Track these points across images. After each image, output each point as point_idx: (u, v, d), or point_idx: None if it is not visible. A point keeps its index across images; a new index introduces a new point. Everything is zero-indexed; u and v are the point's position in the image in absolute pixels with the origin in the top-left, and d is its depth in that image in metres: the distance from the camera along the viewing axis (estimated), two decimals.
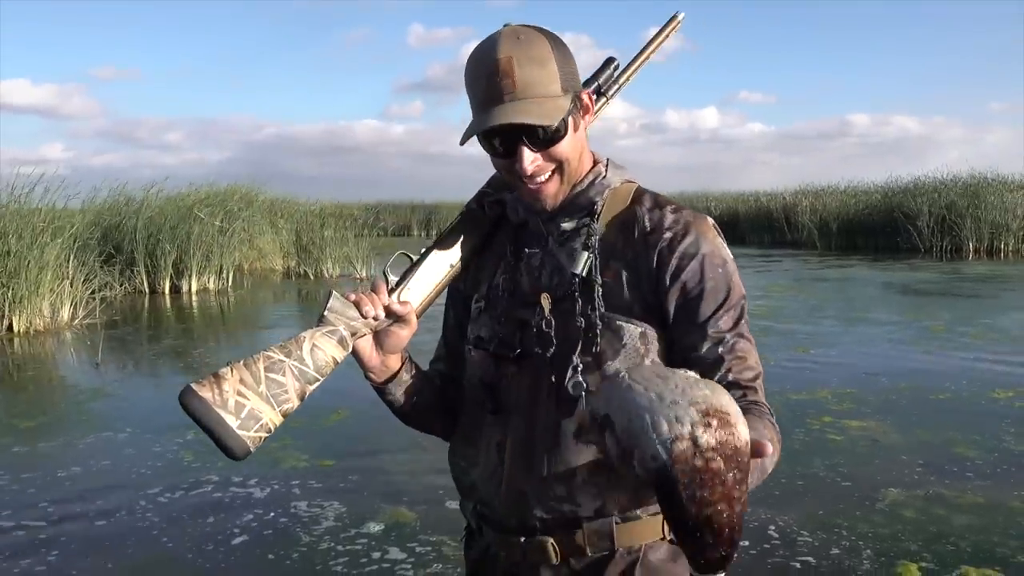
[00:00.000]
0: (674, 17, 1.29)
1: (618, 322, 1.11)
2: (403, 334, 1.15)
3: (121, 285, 12.21)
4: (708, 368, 1.09)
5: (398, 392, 1.20)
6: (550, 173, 1.12)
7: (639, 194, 1.19)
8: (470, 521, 1.25)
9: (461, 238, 1.21)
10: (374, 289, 1.14)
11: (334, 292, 1.11)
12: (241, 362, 1.02)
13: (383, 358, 1.16)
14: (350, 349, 1.11)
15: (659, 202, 1.17)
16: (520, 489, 1.14)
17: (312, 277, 15.76)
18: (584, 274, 1.12)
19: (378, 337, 1.14)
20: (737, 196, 29.44)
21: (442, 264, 1.19)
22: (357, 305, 1.10)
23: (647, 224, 1.15)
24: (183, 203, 13.58)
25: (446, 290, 1.26)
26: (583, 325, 1.11)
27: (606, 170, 1.18)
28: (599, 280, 1.12)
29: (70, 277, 9.94)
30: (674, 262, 1.11)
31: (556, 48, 1.10)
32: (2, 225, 9.31)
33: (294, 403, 1.03)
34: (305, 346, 1.06)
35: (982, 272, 14.82)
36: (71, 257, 10.16)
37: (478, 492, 1.20)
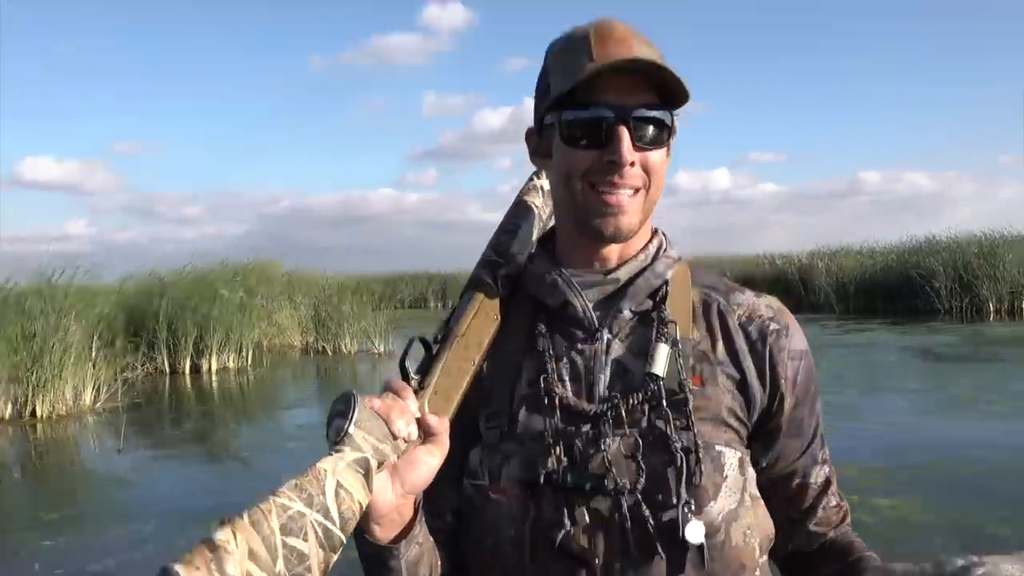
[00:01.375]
0: None
1: (717, 447, 0.85)
2: (432, 463, 0.79)
3: (142, 365, 12.30)
4: (817, 493, 0.94)
5: (409, 555, 0.82)
6: (636, 190, 0.87)
7: (699, 274, 0.96)
8: None
9: (479, 325, 0.90)
10: (396, 392, 0.79)
11: (356, 396, 0.76)
12: (245, 518, 0.65)
13: (400, 501, 0.78)
14: (374, 488, 0.74)
15: (729, 284, 0.96)
16: None
17: (330, 353, 15.79)
18: (664, 375, 0.85)
19: (398, 469, 0.77)
20: (752, 259, 29.46)
21: (464, 360, 0.88)
22: (386, 418, 0.75)
23: (737, 312, 0.92)
24: (205, 281, 13.77)
25: None
26: (676, 449, 0.83)
27: (666, 241, 0.96)
28: (690, 386, 0.86)
29: (93, 359, 10.03)
30: (789, 364, 0.91)
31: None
32: (28, 306, 9.47)
33: None
34: (328, 486, 0.70)
35: (1004, 334, 14.65)
36: (95, 338, 10.28)
37: None
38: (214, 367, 13.27)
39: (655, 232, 0.95)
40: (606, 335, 0.89)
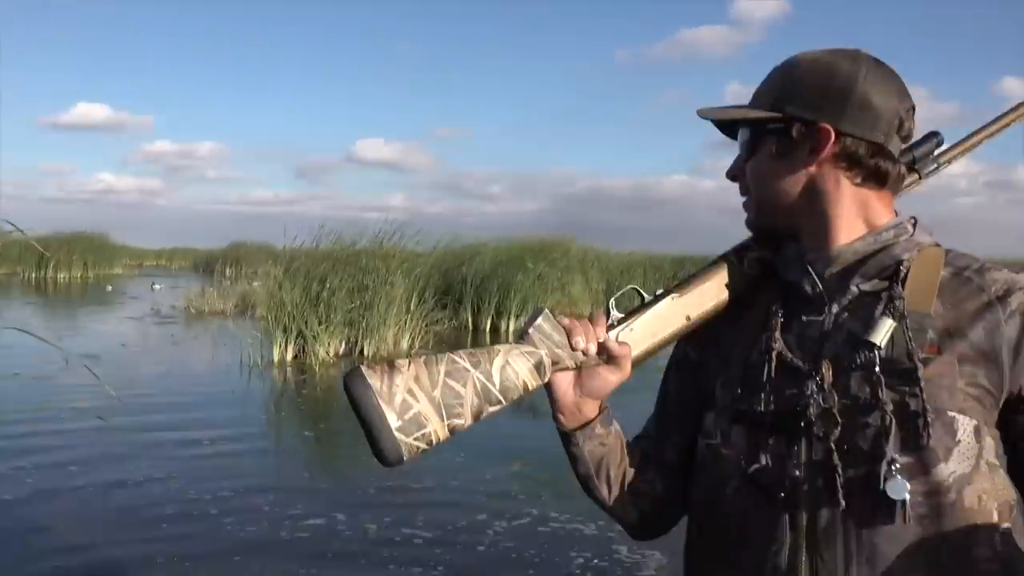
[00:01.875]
0: (1022, 104, 1.08)
1: (950, 413, 0.88)
2: (611, 379, 0.99)
3: (449, 320, 13.46)
4: None
5: (586, 446, 1.03)
6: (745, 195, 1.04)
7: (955, 257, 0.97)
8: None
9: (707, 290, 1.03)
10: (592, 320, 1.00)
11: (545, 310, 0.98)
12: (422, 359, 0.91)
13: (579, 401, 1.00)
14: (546, 379, 0.97)
15: (989, 265, 0.96)
16: None
17: None
18: (883, 345, 0.90)
19: (580, 376, 0.99)
20: None
21: (677, 313, 1.02)
22: (568, 332, 0.97)
23: (991, 287, 0.93)
24: (511, 252, 14.71)
25: (671, 357, 1.11)
26: (885, 411, 0.89)
27: (913, 228, 0.98)
28: (920, 355, 0.90)
29: (411, 311, 11.19)
30: None
31: (807, 69, 0.97)
32: (365, 263, 10.79)
33: (467, 421, 0.91)
34: (496, 361, 0.93)
35: None
36: (413, 294, 11.45)
37: None
38: (511, 328, 14.16)
39: (900, 221, 0.98)
40: (835, 308, 0.96)
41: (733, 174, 1.04)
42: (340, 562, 3.69)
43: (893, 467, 0.87)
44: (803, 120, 0.96)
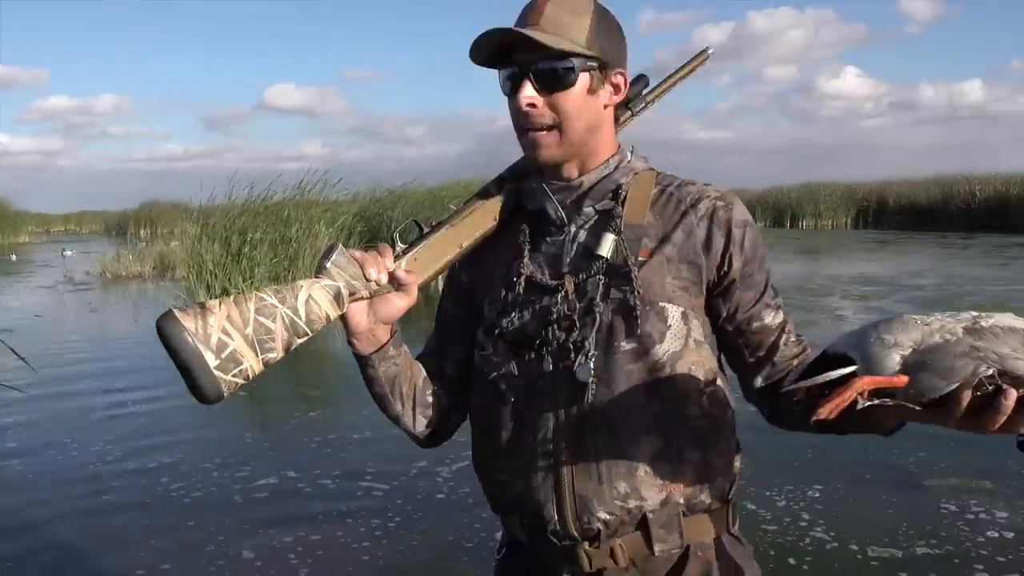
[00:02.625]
0: (703, 52, 1.28)
1: (661, 303, 1.07)
2: (400, 304, 1.08)
3: None
4: (776, 332, 1.12)
5: (380, 367, 1.12)
6: (550, 125, 1.07)
7: (663, 177, 1.16)
8: (519, 536, 1.17)
9: (475, 219, 1.15)
10: (380, 252, 1.08)
11: (340, 246, 1.05)
12: (231, 298, 0.95)
13: (372, 326, 1.08)
14: (345, 308, 1.04)
15: (685, 180, 1.15)
16: (581, 493, 1.08)
17: None
18: (609, 256, 1.08)
19: (372, 303, 1.07)
20: (1007, 178, 26.35)
21: (452, 242, 1.14)
22: (362, 264, 1.04)
23: (687, 198, 1.12)
24: (435, 195, 14.64)
25: (446, 282, 1.24)
26: (615, 309, 1.07)
27: (631, 155, 1.16)
28: (633, 260, 1.08)
29: None
30: (735, 230, 1.10)
31: (600, 15, 1.08)
32: (287, 214, 10.59)
33: (279, 353, 0.97)
34: (301, 296, 0.99)
35: None
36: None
37: (526, 504, 1.12)
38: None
39: (620, 148, 1.15)
40: (573, 228, 1.12)
41: (532, 103, 1.06)
42: (301, 520, 3.67)
43: (588, 355, 1.05)
44: (612, 64, 1.10)
